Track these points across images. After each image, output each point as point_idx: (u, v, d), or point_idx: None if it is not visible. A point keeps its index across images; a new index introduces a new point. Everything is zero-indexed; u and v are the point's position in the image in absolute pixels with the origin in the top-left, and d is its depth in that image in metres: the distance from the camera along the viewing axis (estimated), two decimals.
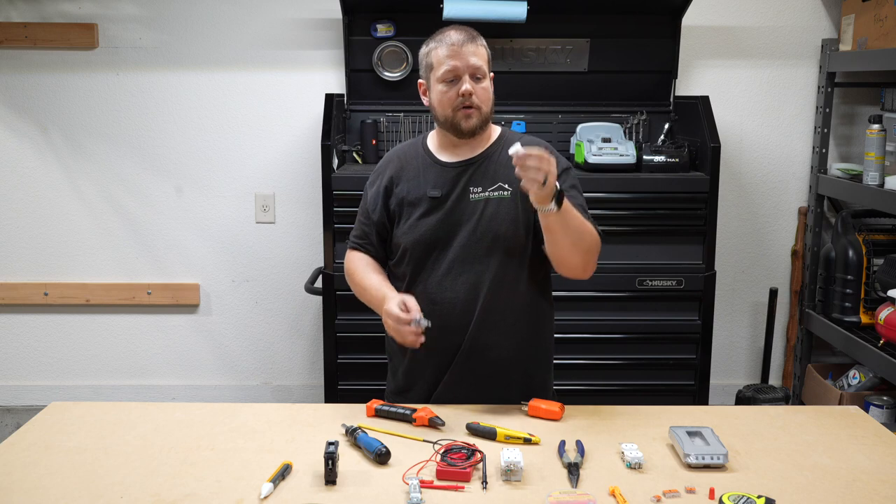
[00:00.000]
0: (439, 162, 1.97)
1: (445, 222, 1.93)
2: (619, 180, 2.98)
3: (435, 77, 1.91)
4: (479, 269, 1.92)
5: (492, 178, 1.94)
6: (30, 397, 3.59)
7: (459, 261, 1.92)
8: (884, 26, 2.95)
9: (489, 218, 1.92)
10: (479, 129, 1.93)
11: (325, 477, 1.53)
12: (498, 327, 1.95)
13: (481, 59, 1.90)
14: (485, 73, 1.91)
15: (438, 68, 1.89)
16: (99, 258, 3.51)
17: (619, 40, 3.26)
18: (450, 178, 1.95)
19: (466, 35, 1.90)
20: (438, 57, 1.89)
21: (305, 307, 3.52)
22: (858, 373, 3.17)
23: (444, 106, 1.90)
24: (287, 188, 3.46)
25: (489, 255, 1.92)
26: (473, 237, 1.92)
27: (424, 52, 1.95)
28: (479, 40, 1.92)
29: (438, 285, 1.93)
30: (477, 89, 1.89)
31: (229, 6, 3.35)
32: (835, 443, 1.74)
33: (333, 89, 3.34)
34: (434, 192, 1.94)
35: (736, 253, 3.51)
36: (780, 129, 3.44)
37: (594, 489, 1.51)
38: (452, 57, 1.87)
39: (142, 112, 3.41)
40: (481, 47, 1.91)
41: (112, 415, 1.86)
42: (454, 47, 1.88)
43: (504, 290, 1.93)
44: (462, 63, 1.87)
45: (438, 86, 1.90)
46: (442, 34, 1.92)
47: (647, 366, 3.07)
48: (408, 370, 2.02)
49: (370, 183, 2.06)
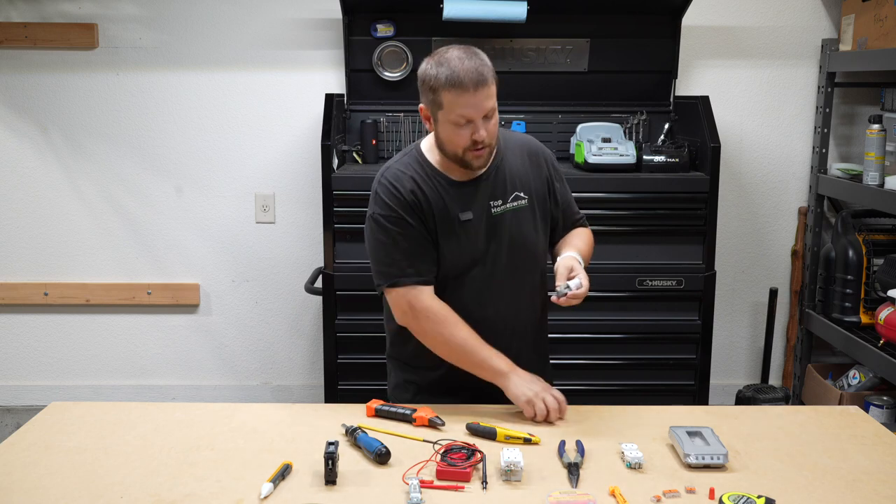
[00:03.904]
0: (454, 182, 1.90)
1: (479, 242, 1.92)
2: (619, 180, 2.98)
3: (443, 116, 1.81)
4: (517, 280, 1.95)
5: (508, 188, 1.94)
6: (30, 397, 3.59)
7: (497, 276, 1.93)
8: (884, 26, 2.95)
9: (516, 229, 1.94)
10: (487, 163, 1.91)
11: (325, 477, 1.53)
12: (529, 333, 2.01)
13: (492, 98, 1.80)
14: (495, 107, 1.82)
15: (449, 111, 1.79)
16: (99, 258, 3.51)
17: (619, 40, 3.26)
18: (471, 198, 1.91)
19: (477, 77, 1.76)
20: (448, 100, 1.78)
21: (305, 307, 3.52)
22: (858, 373, 3.17)
23: (454, 145, 1.83)
24: (287, 188, 3.46)
25: (524, 265, 1.96)
26: (507, 251, 1.93)
27: (429, 82, 1.80)
28: (489, 76, 1.78)
29: (477, 303, 1.93)
30: (489, 128, 1.82)
31: (229, 6, 3.34)
32: (835, 443, 1.74)
33: (333, 89, 3.34)
34: (465, 215, 1.89)
35: (736, 253, 3.51)
36: (780, 129, 3.44)
37: (594, 489, 1.51)
38: (466, 106, 1.77)
39: (142, 112, 3.41)
40: (492, 85, 1.79)
41: (112, 415, 1.86)
42: (467, 96, 1.76)
43: (537, 294, 2.00)
44: (476, 111, 1.78)
45: (448, 125, 1.81)
46: (450, 67, 1.76)
47: (647, 366, 3.07)
48: (437, 381, 1.98)
49: (393, 214, 1.87)
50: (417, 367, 2.01)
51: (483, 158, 1.86)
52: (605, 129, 3.14)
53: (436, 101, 1.81)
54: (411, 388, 2.03)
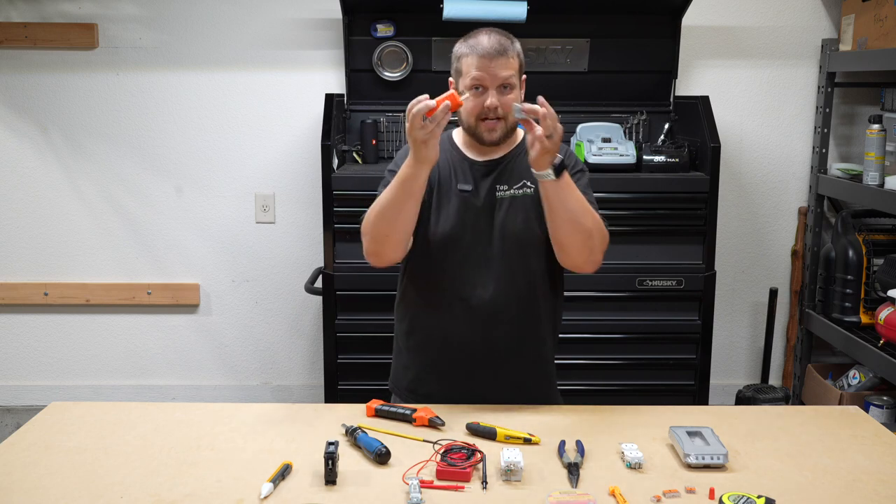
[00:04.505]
0: (468, 159, 1.96)
1: (474, 218, 1.93)
2: (619, 180, 2.98)
3: (463, 84, 1.87)
4: (508, 267, 1.93)
5: (517, 176, 1.94)
6: (30, 397, 3.59)
7: (489, 259, 1.92)
8: (884, 26, 2.95)
9: (515, 214, 1.92)
10: (502, 141, 1.92)
11: (325, 477, 1.53)
12: (522, 324, 1.96)
13: (511, 70, 1.85)
14: (514, 83, 1.86)
15: (466, 76, 1.86)
16: (99, 258, 3.51)
17: (619, 40, 3.26)
18: (479, 176, 1.94)
19: (497, 45, 1.84)
20: (467, 65, 1.85)
21: (305, 307, 3.52)
22: (858, 373, 3.17)
23: (468, 114, 1.88)
24: (287, 188, 3.46)
25: (518, 253, 1.93)
26: (501, 233, 1.92)
27: (456, 55, 1.91)
28: (511, 50, 1.86)
29: (468, 281, 1.93)
30: (503, 102, 1.85)
31: (229, 6, 3.35)
32: (835, 443, 1.74)
33: (333, 89, 3.34)
34: (465, 185, 1.93)
35: (736, 253, 3.51)
36: (780, 129, 3.44)
37: (594, 489, 1.51)
38: (480, 69, 1.83)
39: (142, 112, 3.41)
40: (512, 59, 1.85)
41: (112, 415, 1.86)
42: (484, 60, 1.83)
43: (530, 284, 1.95)
44: (489, 75, 1.83)
45: (465, 93, 1.88)
46: (475, 38, 1.87)
47: (647, 366, 3.07)
48: (426, 367, 2.00)
49: (396, 163, 1.94)
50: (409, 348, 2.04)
51: (497, 133, 1.88)
52: (605, 129, 3.14)
53: (458, 70, 1.89)
54: (409, 374, 2.05)
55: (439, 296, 1.95)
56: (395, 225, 1.84)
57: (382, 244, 1.87)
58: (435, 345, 1.98)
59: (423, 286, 1.98)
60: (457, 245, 1.93)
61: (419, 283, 1.99)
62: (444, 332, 1.96)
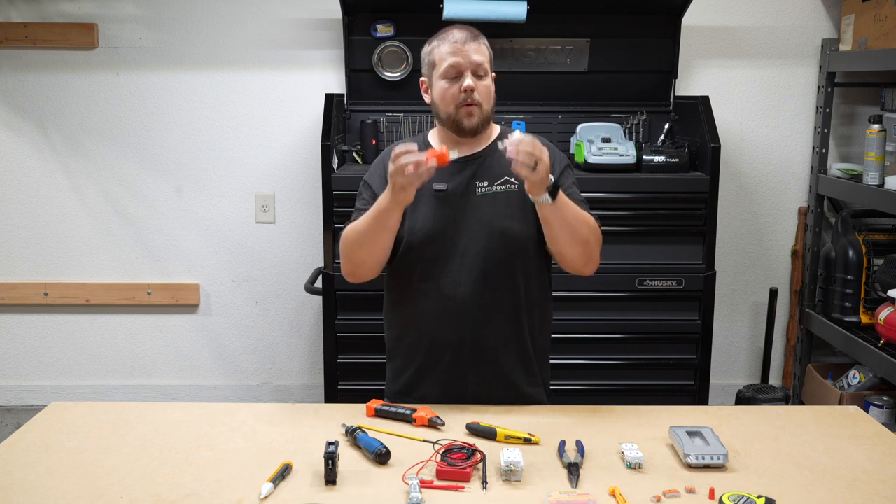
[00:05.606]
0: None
1: (452, 216, 1.93)
2: (619, 180, 2.98)
3: (437, 74, 1.92)
4: (491, 266, 1.92)
5: (497, 172, 1.94)
6: (30, 397, 3.59)
7: (471, 256, 1.92)
8: (884, 26, 2.95)
9: (498, 212, 1.92)
10: (480, 128, 1.93)
11: (325, 477, 1.53)
12: (508, 322, 1.95)
13: (483, 57, 1.91)
14: (486, 70, 1.92)
15: (441, 65, 1.91)
16: (99, 258, 3.51)
17: (619, 40, 3.26)
18: (454, 173, 1.94)
19: (469, 33, 1.92)
20: (441, 54, 1.91)
21: (305, 307, 3.52)
22: (858, 373, 3.17)
23: (446, 103, 1.91)
24: (287, 188, 3.46)
25: (501, 251, 1.92)
26: (483, 231, 1.91)
27: (427, 51, 1.96)
28: (482, 39, 1.94)
29: (451, 281, 1.92)
30: (479, 86, 1.90)
31: (229, 6, 3.35)
32: (835, 443, 1.74)
33: (333, 89, 3.34)
34: (440, 185, 1.93)
35: (736, 253, 3.52)
36: (780, 129, 3.44)
37: (594, 489, 1.51)
38: (455, 54, 1.89)
39: (142, 112, 3.41)
40: (483, 46, 1.93)
41: (112, 415, 1.86)
42: (457, 45, 1.89)
43: (515, 284, 1.94)
44: (464, 59, 1.88)
45: (440, 82, 1.91)
46: (445, 32, 1.94)
47: (647, 366, 3.07)
48: (417, 368, 2.00)
49: (372, 174, 2.00)
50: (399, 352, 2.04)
51: (475, 118, 1.91)
52: (605, 129, 3.14)
53: (431, 63, 1.94)
54: (402, 378, 2.04)
55: (424, 297, 1.94)
56: (372, 253, 1.90)
57: (359, 267, 1.94)
58: (423, 346, 1.97)
59: (407, 288, 1.97)
60: (435, 243, 1.93)
61: (403, 286, 1.98)
62: (432, 332, 1.95)
